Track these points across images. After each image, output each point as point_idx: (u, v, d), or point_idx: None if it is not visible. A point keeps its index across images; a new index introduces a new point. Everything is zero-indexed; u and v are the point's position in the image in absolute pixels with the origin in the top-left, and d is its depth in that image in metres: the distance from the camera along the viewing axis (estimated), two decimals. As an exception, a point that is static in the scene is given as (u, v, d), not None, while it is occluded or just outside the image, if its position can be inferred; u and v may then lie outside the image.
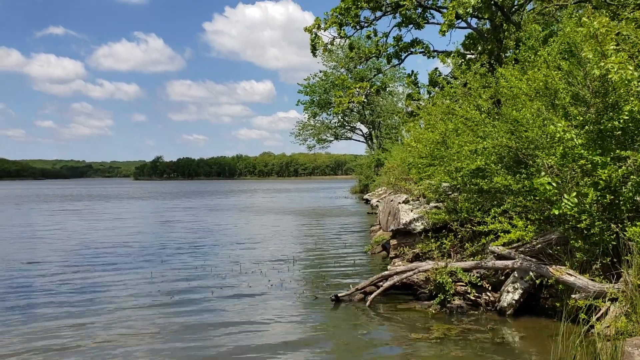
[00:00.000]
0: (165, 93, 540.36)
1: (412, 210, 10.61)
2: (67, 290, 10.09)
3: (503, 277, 8.39)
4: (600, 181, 6.49)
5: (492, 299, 8.19)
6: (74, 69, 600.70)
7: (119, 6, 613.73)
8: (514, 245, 8.09)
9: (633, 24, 8.54)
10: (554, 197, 6.71)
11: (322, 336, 7.21)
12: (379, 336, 7.24)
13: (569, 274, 6.88)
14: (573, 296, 6.65)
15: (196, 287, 10.25)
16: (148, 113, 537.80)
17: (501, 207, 8.30)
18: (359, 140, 63.25)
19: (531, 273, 7.64)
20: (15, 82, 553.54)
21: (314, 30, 16.31)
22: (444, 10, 14.03)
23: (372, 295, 8.73)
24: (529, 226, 7.68)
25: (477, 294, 8.27)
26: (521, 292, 7.74)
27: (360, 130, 61.92)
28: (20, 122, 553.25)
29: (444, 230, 9.92)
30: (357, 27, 16.42)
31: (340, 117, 58.47)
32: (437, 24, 16.03)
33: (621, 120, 6.53)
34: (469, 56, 16.57)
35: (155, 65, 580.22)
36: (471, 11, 13.13)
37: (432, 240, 9.75)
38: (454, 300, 8.25)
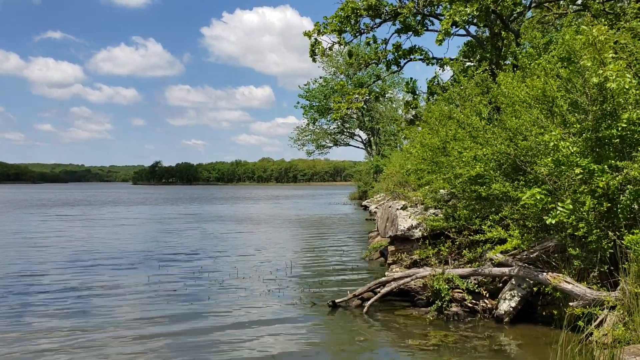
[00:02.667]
0: (163, 97, 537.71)
1: (410, 217, 10.60)
2: (62, 298, 10.02)
3: (501, 284, 8.37)
4: (598, 189, 6.49)
5: (489, 306, 8.16)
6: (73, 73, 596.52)
7: (116, 11, 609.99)
8: (512, 252, 8.08)
9: (630, 34, 8.59)
10: (549, 206, 6.71)
11: (318, 342, 7.18)
12: (375, 343, 7.21)
13: (566, 282, 6.87)
14: (571, 304, 6.64)
15: (193, 293, 10.21)
16: (147, 117, 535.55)
17: (499, 215, 8.30)
18: (358, 147, 63.42)
19: (529, 280, 7.63)
20: (15, 85, 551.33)
21: (313, 35, 16.35)
22: (443, 18, 14.08)
23: (370, 302, 8.70)
24: (525, 235, 7.67)
25: (474, 301, 8.25)
26: (519, 299, 7.72)
27: (359, 137, 62.10)
28: (19, 125, 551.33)
29: (441, 237, 9.90)
30: (357, 34, 16.46)
31: (339, 123, 58.58)
32: (436, 31, 16.05)
33: (619, 128, 6.55)
34: (468, 64, 16.61)
35: (154, 69, 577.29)
36: (467, 19, 13.18)
37: (430, 247, 9.74)
38: (451, 307, 8.22)
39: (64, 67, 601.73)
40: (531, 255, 7.86)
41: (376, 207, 24.80)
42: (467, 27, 15.22)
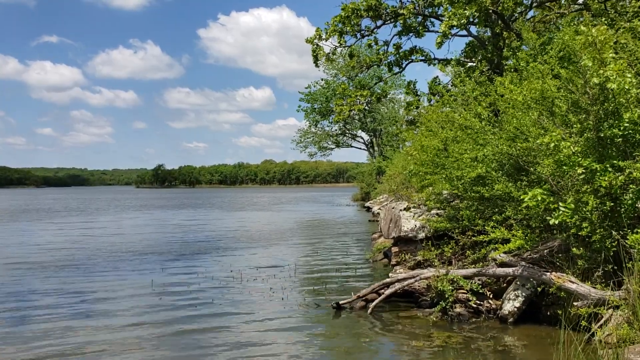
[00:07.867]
0: (163, 100, 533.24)
1: (413, 218, 10.62)
2: (64, 301, 10.06)
3: (505, 285, 8.37)
4: (601, 188, 6.49)
5: (493, 306, 8.16)
6: (72, 76, 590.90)
7: (112, 14, 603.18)
8: (516, 252, 8.08)
9: (630, 33, 8.59)
10: (552, 206, 6.71)
11: (323, 344, 7.19)
12: (380, 344, 7.23)
13: (570, 282, 6.87)
14: (575, 304, 6.64)
15: (197, 295, 10.24)
16: (147, 120, 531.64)
17: (502, 215, 8.30)
18: (360, 148, 63.30)
19: (533, 280, 7.62)
20: (14, 89, 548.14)
21: (315, 40, 16.38)
22: (444, 19, 14.10)
23: (374, 303, 8.71)
24: (529, 235, 7.67)
25: (478, 302, 8.25)
26: (523, 299, 7.72)
27: (362, 138, 61.97)
28: (20, 129, 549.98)
29: (445, 238, 9.91)
30: (358, 35, 16.49)
31: (341, 125, 58.52)
32: (437, 32, 16.07)
33: (622, 128, 6.55)
34: (469, 64, 16.60)
35: (153, 72, 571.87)
36: (466, 22, 13.19)
37: (433, 248, 9.74)
38: (455, 307, 8.23)
39: (63, 70, 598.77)
40: (535, 256, 7.87)
41: (379, 209, 24.78)
42: (468, 27, 15.22)
